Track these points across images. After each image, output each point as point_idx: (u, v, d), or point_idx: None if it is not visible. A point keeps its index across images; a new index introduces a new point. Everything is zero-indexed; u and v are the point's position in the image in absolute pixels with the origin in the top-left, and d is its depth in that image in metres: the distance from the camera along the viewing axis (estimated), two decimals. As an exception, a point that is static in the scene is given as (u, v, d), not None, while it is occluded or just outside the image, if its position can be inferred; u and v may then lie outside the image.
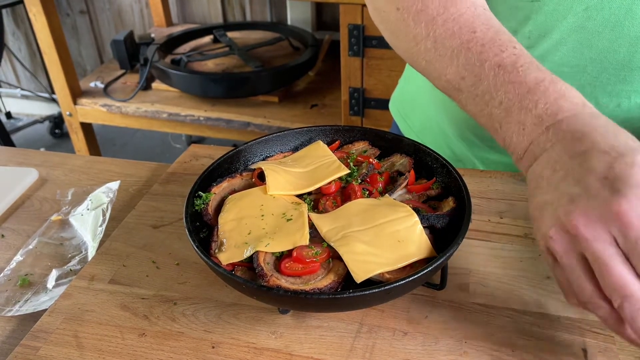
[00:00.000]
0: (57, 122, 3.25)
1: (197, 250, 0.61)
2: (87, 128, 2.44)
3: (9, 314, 0.72)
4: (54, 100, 3.25)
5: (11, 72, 3.33)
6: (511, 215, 0.80)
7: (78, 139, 2.45)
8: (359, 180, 0.74)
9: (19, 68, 3.30)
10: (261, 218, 0.67)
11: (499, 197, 0.84)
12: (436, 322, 0.65)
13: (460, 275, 0.71)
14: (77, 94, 2.34)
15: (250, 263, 0.63)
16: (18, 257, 0.81)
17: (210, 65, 2.31)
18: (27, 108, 3.47)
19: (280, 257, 0.63)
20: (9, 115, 3.42)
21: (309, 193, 0.73)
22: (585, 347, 0.61)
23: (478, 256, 0.74)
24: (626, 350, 0.62)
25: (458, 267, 0.72)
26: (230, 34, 2.53)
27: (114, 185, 0.94)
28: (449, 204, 0.69)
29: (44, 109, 3.40)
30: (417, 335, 0.63)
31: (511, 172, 0.89)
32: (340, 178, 0.74)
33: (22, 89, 3.36)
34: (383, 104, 1.91)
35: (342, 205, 0.69)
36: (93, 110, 2.32)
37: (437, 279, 0.69)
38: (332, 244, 0.63)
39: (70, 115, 2.36)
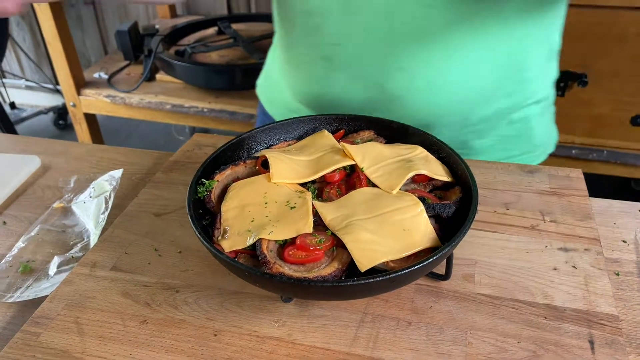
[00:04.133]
0: (61, 113, 3.25)
1: (199, 237, 0.60)
2: (90, 119, 2.43)
3: (10, 300, 0.72)
4: (58, 92, 3.24)
5: (15, 63, 3.33)
6: (517, 207, 0.79)
7: (82, 129, 2.44)
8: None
9: (23, 58, 3.29)
10: (265, 206, 0.67)
11: (505, 189, 0.83)
12: (441, 312, 0.64)
13: (466, 265, 0.70)
14: (81, 84, 2.33)
15: (253, 250, 0.62)
16: (20, 244, 0.81)
17: (214, 56, 2.30)
18: (31, 99, 3.47)
19: (284, 245, 0.63)
20: (13, 105, 3.42)
21: (313, 181, 0.72)
22: (592, 339, 0.60)
23: (483, 247, 0.73)
24: (634, 343, 0.61)
25: (463, 258, 0.71)
26: (234, 26, 2.51)
27: (117, 173, 0.93)
28: (455, 194, 0.68)
29: (48, 100, 3.39)
30: (421, 325, 0.62)
31: (518, 164, 0.88)
32: (344, 167, 0.73)
33: (27, 80, 3.36)
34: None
35: (346, 193, 0.68)
36: (97, 101, 2.31)
37: (442, 270, 0.68)
38: (336, 233, 0.62)
39: (74, 106, 2.36)
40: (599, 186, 2.21)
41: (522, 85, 0.89)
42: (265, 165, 0.74)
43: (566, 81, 1.66)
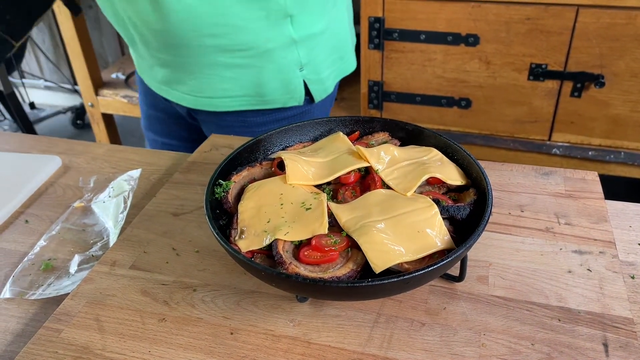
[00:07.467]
0: (79, 113, 3.30)
1: (217, 237, 0.61)
2: (108, 119, 2.47)
3: (32, 297, 0.73)
4: (76, 92, 3.29)
5: (35, 63, 3.38)
6: (532, 209, 0.79)
7: (99, 129, 2.48)
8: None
9: (42, 59, 3.34)
10: (280, 207, 0.68)
11: (520, 191, 0.83)
12: (454, 314, 0.64)
13: (480, 267, 0.70)
14: (98, 85, 2.36)
15: (269, 251, 0.63)
16: (41, 242, 0.83)
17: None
18: (50, 99, 3.52)
19: (299, 246, 0.64)
20: (32, 105, 3.47)
21: (328, 183, 0.73)
22: (606, 342, 0.60)
23: (498, 249, 0.73)
24: (648, 346, 0.61)
25: (477, 260, 0.71)
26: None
27: (135, 173, 0.95)
28: (469, 196, 0.68)
29: (67, 100, 3.44)
30: (435, 326, 0.63)
31: (533, 166, 0.88)
32: (359, 169, 0.73)
33: (46, 80, 3.41)
34: (402, 98, 1.90)
35: (361, 195, 0.69)
36: (114, 102, 2.34)
37: (456, 271, 0.68)
38: (351, 234, 0.63)
39: (92, 106, 2.39)
40: (616, 188, 2.18)
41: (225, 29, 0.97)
42: (281, 167, 0.75)
43: (583, 82, 1.65)
